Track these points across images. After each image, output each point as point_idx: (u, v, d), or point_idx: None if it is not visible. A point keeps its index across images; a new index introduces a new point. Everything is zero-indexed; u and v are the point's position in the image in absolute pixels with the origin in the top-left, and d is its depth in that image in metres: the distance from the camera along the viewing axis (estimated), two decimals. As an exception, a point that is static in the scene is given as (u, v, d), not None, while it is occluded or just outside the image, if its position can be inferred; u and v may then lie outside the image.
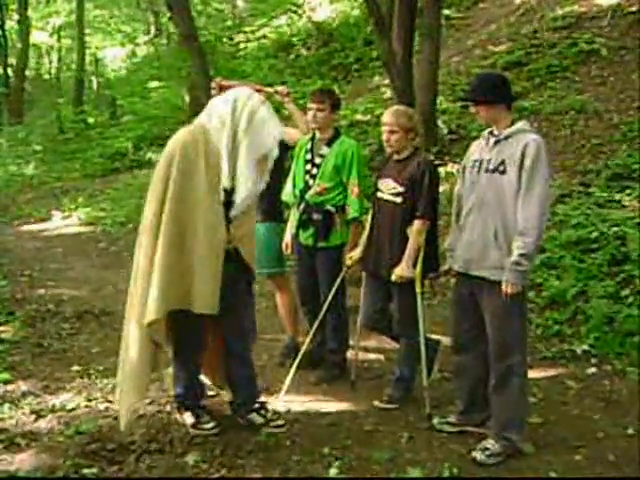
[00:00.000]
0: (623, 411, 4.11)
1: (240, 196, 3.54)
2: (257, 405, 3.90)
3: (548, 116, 8.98)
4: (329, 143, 4.53)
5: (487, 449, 3.51)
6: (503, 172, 3.38)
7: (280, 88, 5.01)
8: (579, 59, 10.19)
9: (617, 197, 6.81)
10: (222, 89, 4.70)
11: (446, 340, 4.37)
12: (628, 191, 6.85)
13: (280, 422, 3.87)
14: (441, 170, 8.59)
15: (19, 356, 5.12)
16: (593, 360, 4.85)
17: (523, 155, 3.31)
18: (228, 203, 3.56)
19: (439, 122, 9.43)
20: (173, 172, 3.45)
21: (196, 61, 12.08)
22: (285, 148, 4.83)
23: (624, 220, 6.18)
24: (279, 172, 4.58)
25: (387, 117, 4.09)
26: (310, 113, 4.51)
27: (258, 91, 4.97)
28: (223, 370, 3.96)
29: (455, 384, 3.95)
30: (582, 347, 4.97)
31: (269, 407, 4.00)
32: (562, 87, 9.72)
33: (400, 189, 4.03)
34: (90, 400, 4.30)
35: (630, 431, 3.83)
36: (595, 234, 6.09)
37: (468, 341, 3.68)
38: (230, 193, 3.54)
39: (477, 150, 3.63)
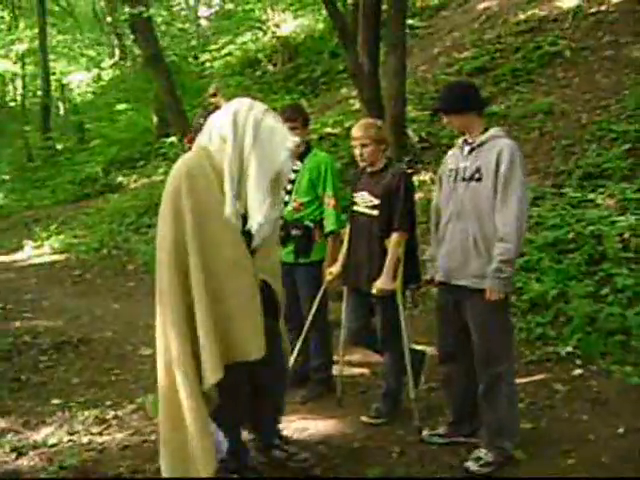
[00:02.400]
0: (612, 411, 4.10)
1: (256, 222, 2.99)
2: (278, 441, 3.64)
3: (517, 120, 9.04)
4: (301, 158, 4.49)
5: (480, 459, 3.47)
6: (479, 179, 3.36)
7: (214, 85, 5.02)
8: (544, 61, 10.28)
9: (590, 196, 6.84)
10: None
11: (432, 350, 4.34)
12: (601, 190, 6.89)
13: (303, 456, 3.59)
14: (414, 179, 8.61)
15: (-3, 392, 4.99)
16: (578, 361, 4.83)
17: (498, 161, 3.29)
18: (247, 232, 3.07)
19: (409, 131, 9.45)
20: (184, 209, 2.94)
21: (162, 82, 12.03)
22: None
23: (599, 219, 6.20)
24: None
25: (357, 131, 4.06)
26: None
27: None
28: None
29: (443, 395, 3.92)
30: (566, 349, 4.95)
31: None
32: (529, 90, 9.80)
33: (376, 202, 4.00)
34: (72, 434, 4.19)
35: (620, 430, 3.82)
36: (571, 234, 6.12)
37: (454, 351, 3.64)
38: (245, 221, 3.04)
39: (452, 159, 3.61)
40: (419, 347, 4.39)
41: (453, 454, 3.66)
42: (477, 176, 3.37)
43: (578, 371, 4.71)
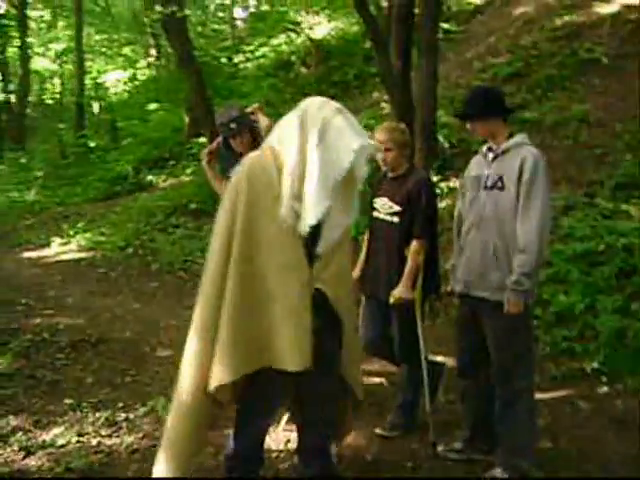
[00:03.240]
0: (636, 432, 3.94)
1: (306, 224, 2.81)
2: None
3: (550, 127, 8.85)
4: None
5: (495, 478, 3.33)
6: (502, 188, 3.23)
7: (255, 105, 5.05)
8: (579, 69, 10.06)
9: (623, 207, 6.66)
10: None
11: (451, 362, 4.21)
12: (634, 201, 6.70)
13: None
14: (443, 185, 8.46)
15: (11, 389, 4.95)
16: (604, 378, 4.67)
17: (521, 170, 3.16)
18: (312, 238, 2.89)
19: (439, 136, 9.30)
20: (239, 204, 2.86)
21: (193, 83, 12.03)
22: None
23: (631, 231, 6.03)
24: None
25: (380, 135, 3.93)
26: None
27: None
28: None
29: (461, 409, 3.78)
30: (592, 365, 4.79)
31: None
32: (563, 97, 9.59)
33: (397, 208, 3.88)
34: (81, 435, 4.13)
35: (645, 454, 3.66)
36: (602, 246, 5.93)
37: (472, 364, 3.51)
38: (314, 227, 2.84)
39: (476, 166, 3.49)
40: (438, 359, 4.25)
41: (467, 471, 3.54)
42: (499, 184, 3.24)
43: (604, 389, 4.56)
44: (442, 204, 7.45)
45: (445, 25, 14.56)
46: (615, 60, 9.86)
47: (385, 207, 3.95)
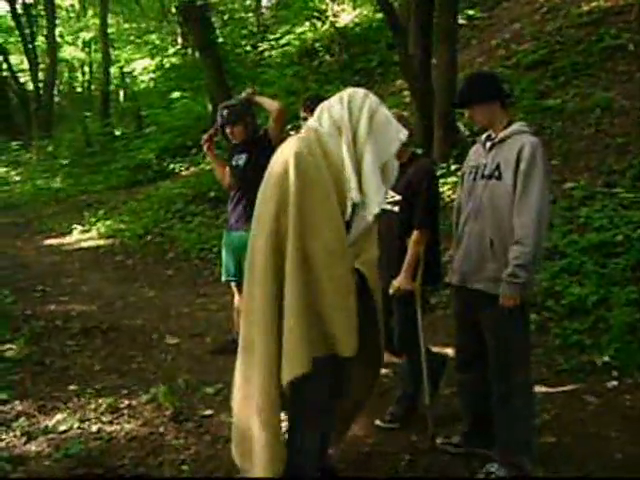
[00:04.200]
0: (643, 429, 3.84)
1: (372, 211, 2.86)
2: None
3: (572, 115, 8.65)
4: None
5: (491, 473, 3.27)
6: (499, 177, 3.14)
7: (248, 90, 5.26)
8: (605, 55, 9.80)
9: (643, 197, 6.49)
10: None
11: (453, 354, 4.13)
12: (655, 191, 6.53)
13: None
14: (460, 174, 8.34)
15: (20, 374, 5.00)
16: (614, 373, 4.55)
17: (518, 158, 3.06)
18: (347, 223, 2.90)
19: (460, 125, 9.16)
20: (289, 190, 2.74)
21: (212, 71, 11.99)
22: (269, 144, 4.73)
23: (650, 221, 5.87)
24: None
25: None
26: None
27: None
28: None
29: (460, 403, 3.72)
30: (602, 359, 4.68)
31: None
32: (587, 85, 9.35)
33: (397, 197, 3.81)
34: (83, 421, 4.16)
35: (650, 451, 3.56)
36: (619, 237, 5.80)
37: (470, 358, 3.44)
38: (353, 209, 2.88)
39: (474, 155, 3.41)
40: (440, 351, 4.18)
41: (465, 465, 3.47)
42: (497, 174, 3.15)
43: (613, 383, 4.44)
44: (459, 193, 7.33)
45: (470, 12, 14.35)
46: (642, 46, 9.60)
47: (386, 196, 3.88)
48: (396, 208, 3.82)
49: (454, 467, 3.47)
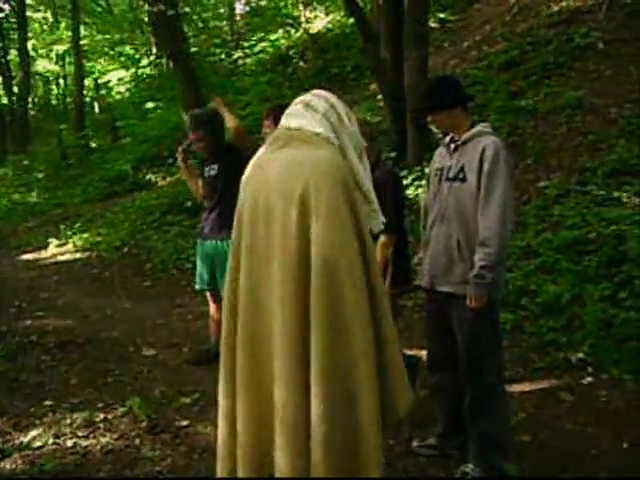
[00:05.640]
0: (619, 423, 3.86)
1: (381, 222, 2.74)
2: None
3: (544, 115, 8.72)
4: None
5: (466, 474, 3.27)
6: (463, 179, 3.14)
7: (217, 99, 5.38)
8: (575, 54, 9.91)
9: (616, 194, 6.54)
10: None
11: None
12: (627, 187, 6.58)
13: None
14: (426, 176, 8.36)
15: (-5, 392, 4.95)
16: (589, 369, 4.58)
17: (481, 159, 3.07)
18: None
19: (432, 127, 9.19)
20: (357, 202, 2.49)
21: (184, 81, 11.96)
22: (239, 155, 4.73)
23: (622, 218, 5.92)
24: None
25: None
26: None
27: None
28: None
29: (434, 405, 3.71)
30: (577, 355, 4.71)
31: None
32: (558, 84, 9.44)
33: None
34: (58, 437, 4.10)
35: (625, 445, 3.59)
36: (592, 234, 5.84)
37: (442, 360, 3.44)
38: None
39: (438, 158, 3.42)
40: (413, 353, 4.18)
41: (442, 467, 3.47)
42: (461, 176, 3.15)
43: (588, 379, 4.47)
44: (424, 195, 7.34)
45: (441, 15, 14.45)
46: (611, 45, 9.71)
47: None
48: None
49: (430, 469, 3.46)
